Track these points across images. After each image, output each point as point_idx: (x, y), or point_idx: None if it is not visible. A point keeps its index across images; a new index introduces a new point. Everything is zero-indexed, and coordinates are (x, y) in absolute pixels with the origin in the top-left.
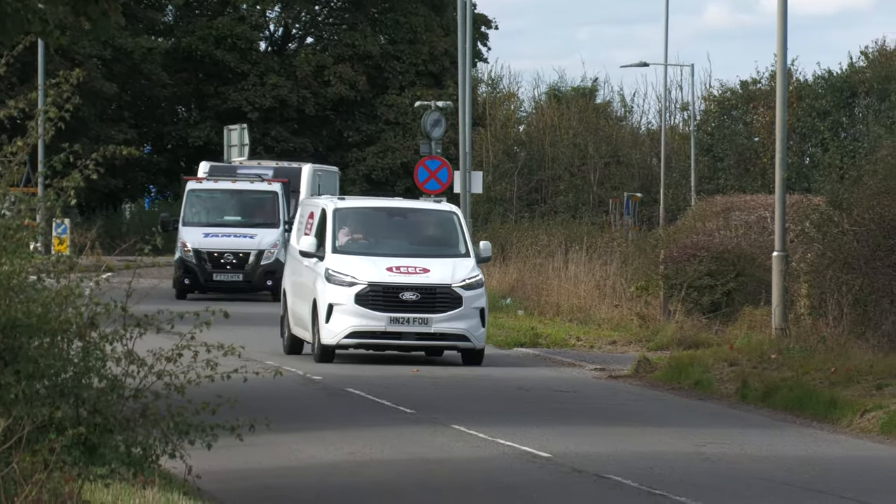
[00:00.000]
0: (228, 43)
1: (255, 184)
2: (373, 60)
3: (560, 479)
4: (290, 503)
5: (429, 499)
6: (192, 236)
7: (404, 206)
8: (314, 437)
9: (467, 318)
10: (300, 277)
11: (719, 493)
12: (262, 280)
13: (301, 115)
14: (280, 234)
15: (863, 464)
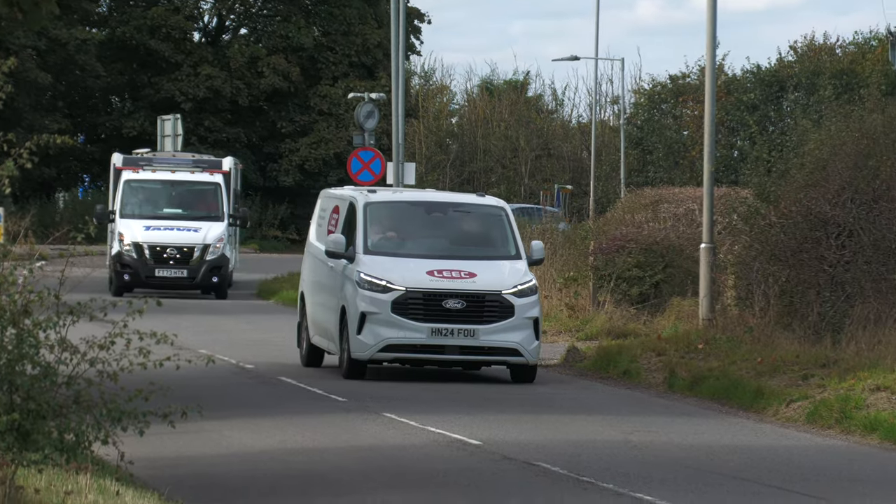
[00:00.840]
0: (162, 33)
1: (195, 174)
2: (306, 52)
3: (490, 466)
4: (222, 490)
5: (360, 486)
6: (132, 229)
7: (445, 200)
8: (246, 425)
9: (520, 330)
10: (323, 280)
11: (645, 481)
12: (208, 277)
13: (235, 106)
14: (225, 228)
15: (788, 453)
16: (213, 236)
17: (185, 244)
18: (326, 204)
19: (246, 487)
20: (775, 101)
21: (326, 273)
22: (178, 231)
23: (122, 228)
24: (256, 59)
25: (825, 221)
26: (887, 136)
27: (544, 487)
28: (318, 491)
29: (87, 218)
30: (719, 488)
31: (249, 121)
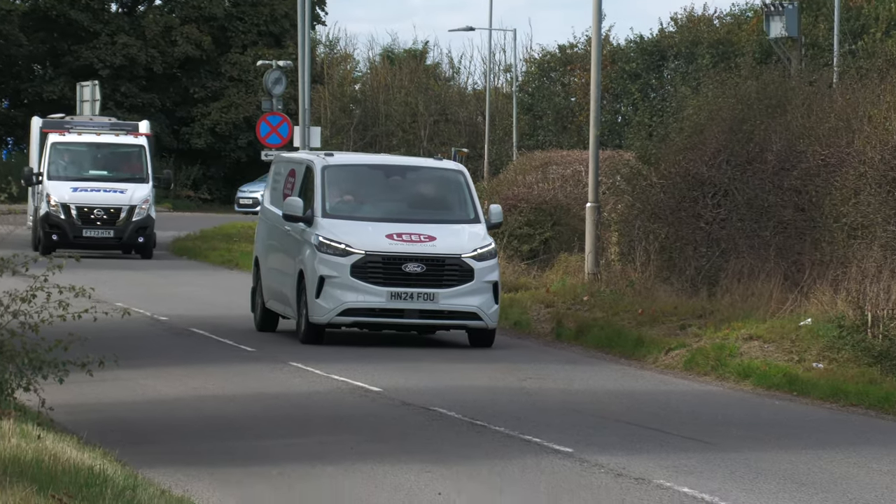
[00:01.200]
0: (81, 4)
1: (120, 137)
2: (217, 21)
3: (390, 411)
4: (139, 435)
5: (268, 431)
6: (59, 191)
7: (403, 164)
8: (160, 374)
9: (479, 294)
10: (279, 245)
11: (535, 424)
12: (134, 237)
13: (150, 73)
14: (150, 190)
15: (667, 398)
16: (139, 197)
17: (111, 205)
18: (281, 168)
19: (161, 432)
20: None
21: (282, 237)
22: (104, 192)
23: (49, 189)
24: (170, 29)
25: (702, 182)
26: (760, 102)
27: (441, 430)
28: (228, 436)
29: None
30: (603, 430)
31: (163, 87)
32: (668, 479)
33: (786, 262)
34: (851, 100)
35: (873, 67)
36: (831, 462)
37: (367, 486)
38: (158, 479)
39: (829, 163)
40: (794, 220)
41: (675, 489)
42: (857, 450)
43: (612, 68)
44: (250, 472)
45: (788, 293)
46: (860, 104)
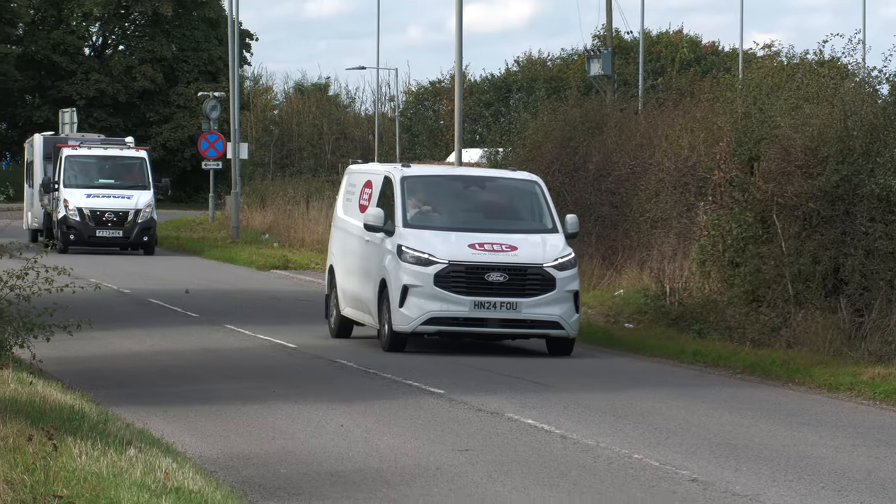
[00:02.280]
0: (62, 49)
1: (124, 150)
2: (167, 62)
3: (304, 362)
4: (108, 381)
5: (208, 377)
6: (75, 197)
7: (480, 175)
8: (125, 334)
9: (561, 303)
10: (358, 254)
11: (414, 371)
12: (140, 236)
13: (116, 102)
14: (152, 196)
15: (515, 351)
16: (143, 202)
17: (120, 209)
18: (355, 179)
19: (125, 379)
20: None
21: (362, 247)
22: (113, 198)
23: (66, 196)
24: (131, 68)
25: None
26: (583, 125)
27: (342, 376)
28: (177, 382)
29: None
30: (466, 375)
31: (126, 112)
32: (517, 413)
33: (604, 247)
34: (652, 123)
35: (669, 98)
36: (641, 400)
37: (285, 420)
38: (124, 415)
39: (635, 171)
40: (610, 214)
41: (522, 420)
42: (659, 390)
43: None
44: (194, 409)
45: (606, 271)
46: (659, 126)
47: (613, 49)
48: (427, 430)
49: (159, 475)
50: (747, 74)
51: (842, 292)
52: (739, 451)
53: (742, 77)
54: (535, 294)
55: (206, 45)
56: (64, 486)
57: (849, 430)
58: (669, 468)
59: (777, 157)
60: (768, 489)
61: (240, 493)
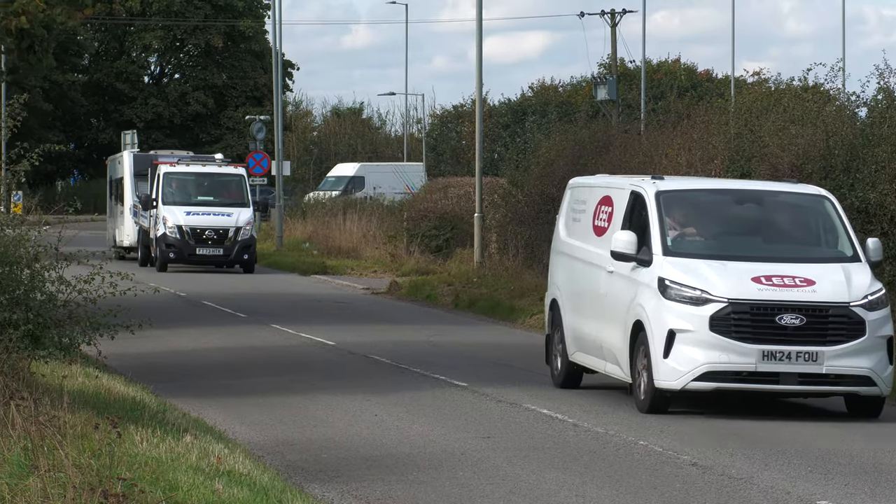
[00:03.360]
0: (124, 77)
1: (222, 167)
2: (218, 89)
3: (340, 357)
4: (166, 375)
5: (254, 370)
6: (174, 214)
7: (756, 188)
8: (181, 333)
9: (872, 352)
10: (595, 287)
11: (440, 366)
12: (240, 254)
13: (171, 124)
14: (252, 214)
15: (531, 348)
16: (243, 220)
17: (220, 227)
18: (584, 195)
19: (182, 373)
20: (520, 122)
21: (603, 279)
22: (213, 216)
23: (165, 213)
24: (185, 94)
25: (552, 199)
26: (592, 144)
27: (376, 370)
28: (228, 374)
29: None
30: (487, 370)
31: (181, 134)
32: (533, 403)
33: None
34: (654, 142)
35: (668, 120)
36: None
37: (324, 410)
38: (181, 406)
39: None
40: None
41: (538, 410)
42: None
43: (490, 120)
44: (244, 400)
45: None
46: (660, 145)
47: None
48: (453, 419)
49: (212, 459)
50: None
51: None
52: (734, 439)
53: (734, 101)
54: (839, 341)
55: (252, 73)
56: (127, 469)
57: (836, 418)
58: (671, 454)
59: (766, 173)
60: (761, 473)
61: (285, 475)
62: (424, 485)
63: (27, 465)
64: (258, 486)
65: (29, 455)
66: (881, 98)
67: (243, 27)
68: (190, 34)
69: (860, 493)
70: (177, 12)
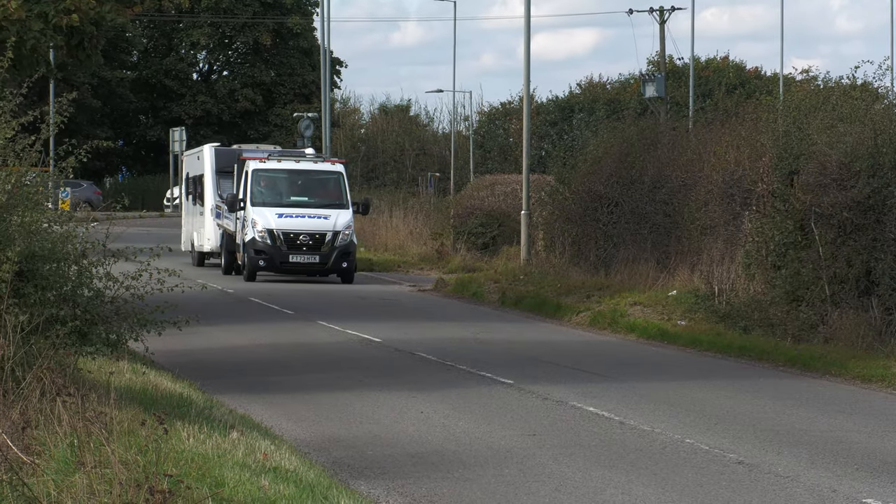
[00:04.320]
0: (172, 74)
1: (318, 164)
2: (266, 86)
3: (387, 354)
4: (213, 372)
5: (302, 367)
6: (264, 217)
7: None
8: (228, 329)
9: None
10: None
11: (486, 363)
12: (339, 262)
13: (220, 121)
14: (351, 216)
15: (577, 345)
16: (342, 223)
17: (316, 231)
18: None
19: (229, 370)
20: (568, 119)
21: None
22: (308, 218)
23: (254, 216)
24: (234, 91)
25: (600, 196)
26: (640, 142)
27: (422, 367)
28: (275, 371)
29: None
30: (533, 367)
31: (229, 131)
32: (579, 401)
33: (658, 252)
34: (702, 140)
35: (717, 118)
36: (691, 390)
37: (371, 406)
38: (227, 402)
39: (687, 183)
40: (664, 223)
41: (584, 408)
42: (708, 381)
43: (538, 118)
44: (290, 396)
45: (660, 273)
46: (708, 143)
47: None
48: (498, 417)
49: (259, 456)
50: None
51: (873, 293)
52: (781, 437)
53: (783, 99)
54: None
55: (300, 70)
56: (173, 466)
57: (881, 417)
58: (718, 451)
59: (814, 171)
60: (807, 471)
61: (331, 472)
62: (470, 482)
63: (74, 462)
64: (304, 483)
65: (75, 451)
66: None
67: (292, 24)
68: (238, 31)
69: None
70: (225, 9)
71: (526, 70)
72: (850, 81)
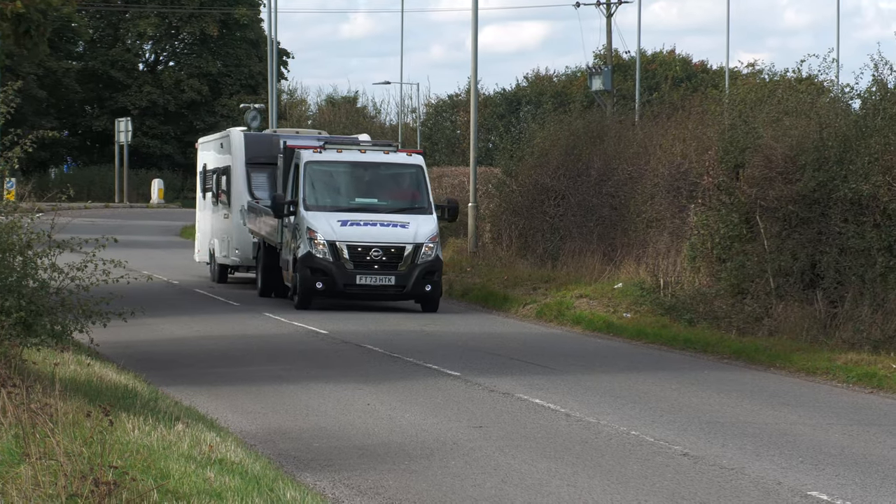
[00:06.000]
0: (119, 65)
1: (390, 155)
2: (213, 77)
3: (334, 346)
4: (158, 363)
5: (249, 359)
6: (324, 224)
7: None
8: (174, 321)
9: None
10: None
11: (433, 355)
12: (420, 285)
13: (166, 112)
14: (436, 223)
15: (524, 337)
16: (425, 233)
17: (392, 243)
18: None
19: (174, 361)
20: (515, 111)
21: None
22: (381, 227)
23: (310, 223)
24: (180, 81)
25: (547, 189)
26: (586, 134)
27: (368, 360)
28: (221, 362)
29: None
30: (480, 359)
31: (175, 121)
32: (525, 393)
33: (604, 244)
34: (648, 133)
35: (663, 111)
36: (637, 382)
37: (317, 398)
38: (172, 394)
39: (633, 176)
40: (610, 215)
41: (530, 400)
42: (654, 373)
43: (485, 110)
44: (236, 388)
45: (606, 266)
46: (654, 136)
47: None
48: (445, 409)
49: (204, 448)
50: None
51: (818, 286)
52: (726, 429)
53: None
54: None
55: (247, 61)
56: (118, 457)
57: (825, 410)
58: (663, 443)
59: (760, 164)
60: (752, 463)
61: (277, 464)
62: (416, 474)
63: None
64: (250, 475)
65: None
66: (875, 90)
67: (238, 15)
68: (185, 22)
69: (851, 483)
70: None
71: (474, 62)
72: (796, 75)
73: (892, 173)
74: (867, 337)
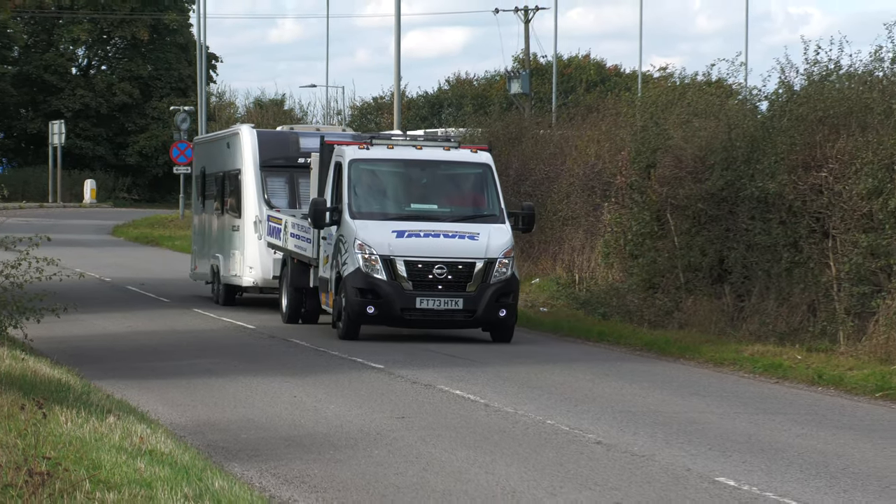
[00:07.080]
0: (52, 69)
1: (452, 151)
2: (144, 80)
3: (261, 341)
4: (91, 358)
5: (179, 353)
6: (376, 236)
7: None
8: (106, 317)
9: None
10: None
11: (358, 349)
12: (493, 310)
13: (98, 114)
14: (510, 234)
15: (446, 332)
16: (498, 246)
17: (458, 260)
18: None
19: (106, 356)
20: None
21: None
22: (445, 238)
23: (359, 234)
24: (111, 85)
25: None
26: (505, 136)
27: (295, 354)
28: (151, 357)
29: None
30: (403, 352)
31: (108, 123)
32: (446, 385)
33: (522, 241)
34: (564, 135)
35: (578, 113)
36: (553, 373)
37: (244, 391)
38: (104, 387)
39: (550, 176)
40: None
41: (451, 391)
42: (569, 365)
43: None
44: (166, 382)
45: (524, 263)
46: (570, 137)
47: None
48: (369, 400)
49: (135, 439)
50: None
51: (726, 280)
52: (638, 418)
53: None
54: None
55: (177, 65)
56: (52, 449)
57: (732, 399)
58: (578, 432)
59: (670, 164)
60: (662, 450)
61: (205, 454)
62: (341, 463)
63: None
64: (179, 465)
65: None
66: (781, 92)
67: (168, 20)
68: (117, 27)
69: (757, 470)
70: (104, 5)
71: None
72: (706, 78)
73: (797, 172)
74: (773, 329)
